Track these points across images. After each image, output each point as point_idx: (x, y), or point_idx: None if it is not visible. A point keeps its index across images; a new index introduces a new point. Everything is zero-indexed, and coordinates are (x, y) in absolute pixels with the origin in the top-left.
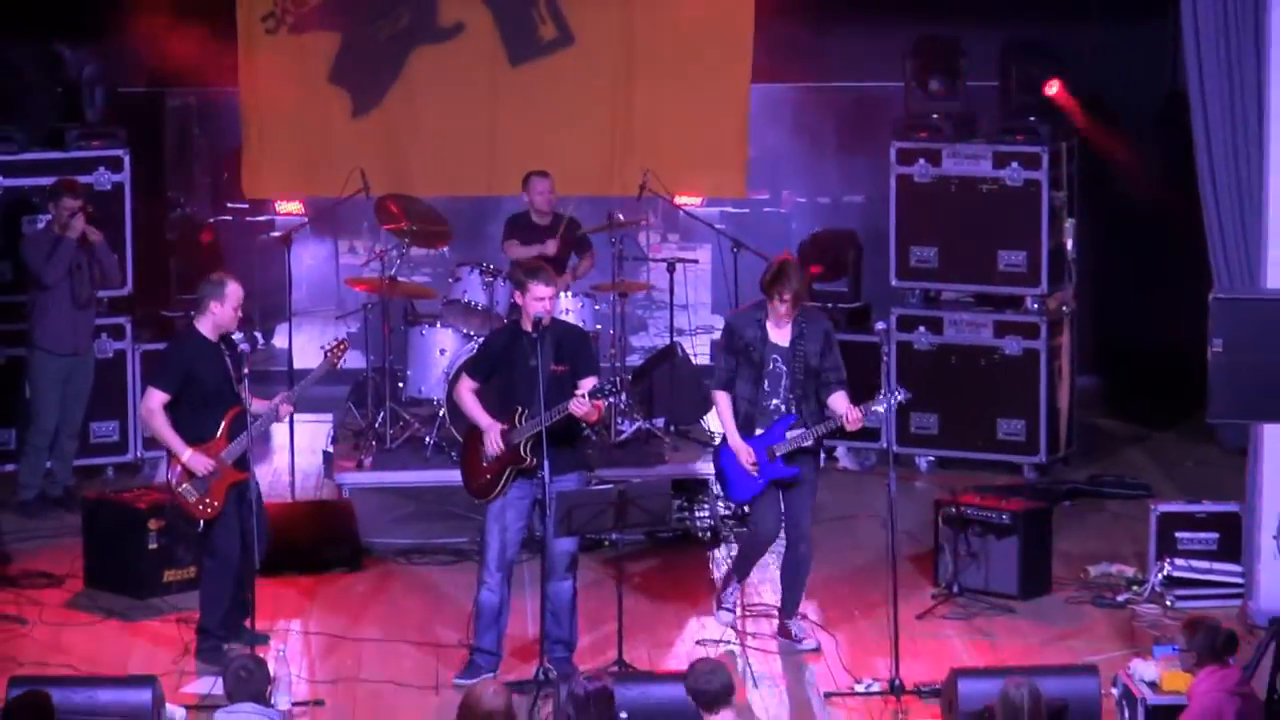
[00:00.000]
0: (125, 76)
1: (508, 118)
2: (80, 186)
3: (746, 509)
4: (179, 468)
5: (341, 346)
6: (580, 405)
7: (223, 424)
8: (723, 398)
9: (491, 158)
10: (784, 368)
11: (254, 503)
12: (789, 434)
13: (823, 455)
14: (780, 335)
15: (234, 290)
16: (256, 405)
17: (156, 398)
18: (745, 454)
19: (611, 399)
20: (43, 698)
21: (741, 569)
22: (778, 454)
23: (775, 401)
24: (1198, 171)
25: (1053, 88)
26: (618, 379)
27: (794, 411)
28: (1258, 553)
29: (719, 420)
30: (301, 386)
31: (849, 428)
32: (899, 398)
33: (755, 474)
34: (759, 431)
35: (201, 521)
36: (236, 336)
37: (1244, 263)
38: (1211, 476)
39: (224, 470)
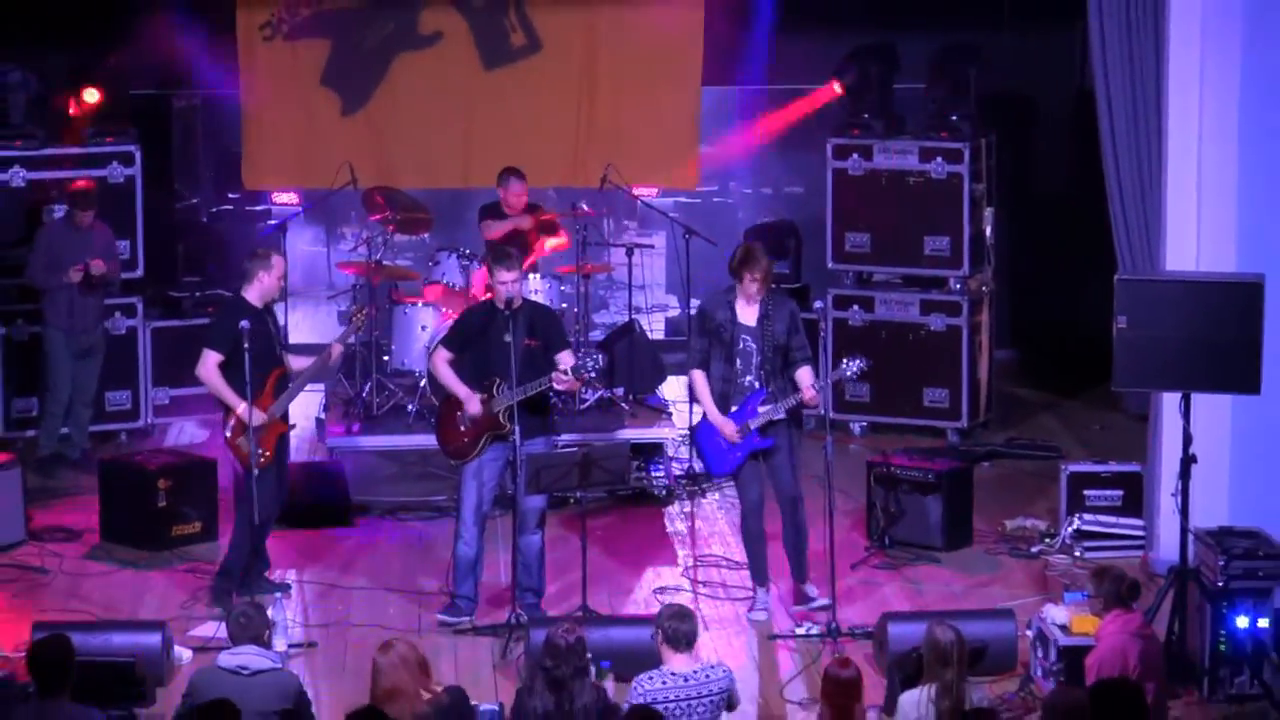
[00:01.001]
0: (138, 79)
1: (482, 117)
2: (86, 197)
3: (725, 481)
4: (234, 421)
5: (363, 311)
6: (562, 380)
7: (268, 382)
8: (699, 376)
9: (468, 153)
10: (754, 346)
11: (286, 458)
12: (760, 408)
13: (806, 421)
14: (749, 315)
15: (278, 263)
16: (296, 363)
17: (212, 359)
18: (727, 427)
19: (590, 375)
20: (63, 641)
21: (753, 558)
22: (751, 428)
23: (749, 378)
24: (1104, 164)
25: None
26: (597, 357)
27: (764, 387)
28: (1157, 508)
29: (698, 399)
30: (341, 336)
31: (807, 403)
32: (860, 365)
33: (736, 445)
34: (734, 409)
35: (254, 469)
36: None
37: (1145, 247)
38: (1116, 440)
39: (273, 423)
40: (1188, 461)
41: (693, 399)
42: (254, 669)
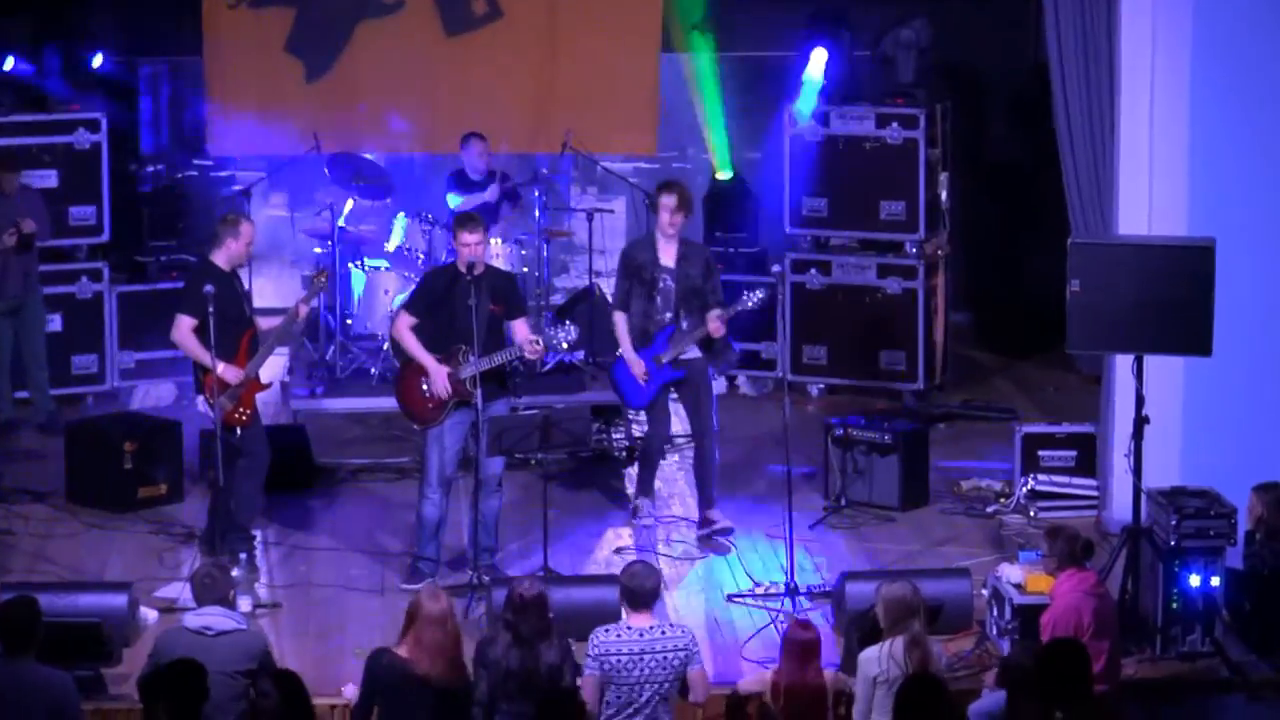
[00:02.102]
0: (104, 46)
1: (444, 83)
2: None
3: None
4: (211, 383)
5: (324, 274)
6: (534, 350)
7: (241, 344)
8: (620, 317)
9: (430, 119)
10: (672, 285)
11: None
12: (670, 343)
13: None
14: (668, 256)
15: (247, 230)
16: (265, 323)
17: (186, 323)
18: (637, 366)
19: (563, 346)
20: (30, 602)
21: (643, 477)
22: (663, 360)
23: (668, 314)
24: (1057, 130)
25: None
26: (570, 327)
27: (678, 324)
28: (1111, 469)
29: (617, 338)
30: (305, 298)
31: (712, 333)
32: (760, 296)
33: (644, 383)
34: (648, 346)
35: (237, 429)
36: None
37: (1098, 211)
38: (1070, 401)
39: (249, 381)
40: (1140, 422)
41: None
42: (218, 629)
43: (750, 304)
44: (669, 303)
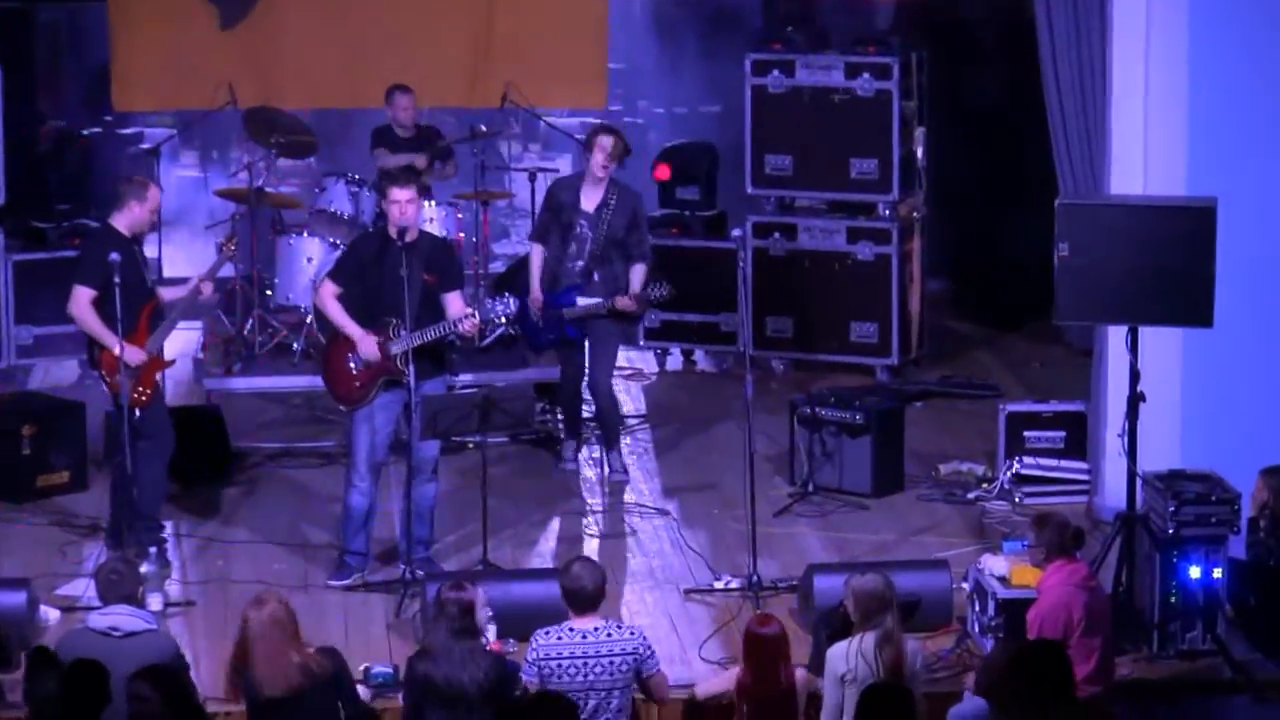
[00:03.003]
0: None
1: (372, 30)
2: None
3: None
4: (109, 360)
5: (233, 240)
6: (469, 324)
7: (142, 318)
8: (535, 249)
9: (356, 70)
10: (588, 233)
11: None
12: (579, 300)
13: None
14: (590, 202)
15: (154, 194)
16: (168, 294)
17: (84, 294)
18: (534, 302)
19: (501, 321)
20: None
21: (566, 417)
22: (566, 317)
23: (580, 263)
24: (1043, 80)
25: None
26: (508, 301)
27: (593, 274)
28: (1103, 450)
29: (530, 269)
30: (209, 272)
31: (619, 309)
32: (661, 292)
33: (545, 326)
34: (557, 294)
35: (137, 410)
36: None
37: (1088, 169)
38: (1058, 377)
39: (150, 359)
40: (1135, 400)
41: None
42: (126, 630)
43: (660, 295)
44: (582, 250)
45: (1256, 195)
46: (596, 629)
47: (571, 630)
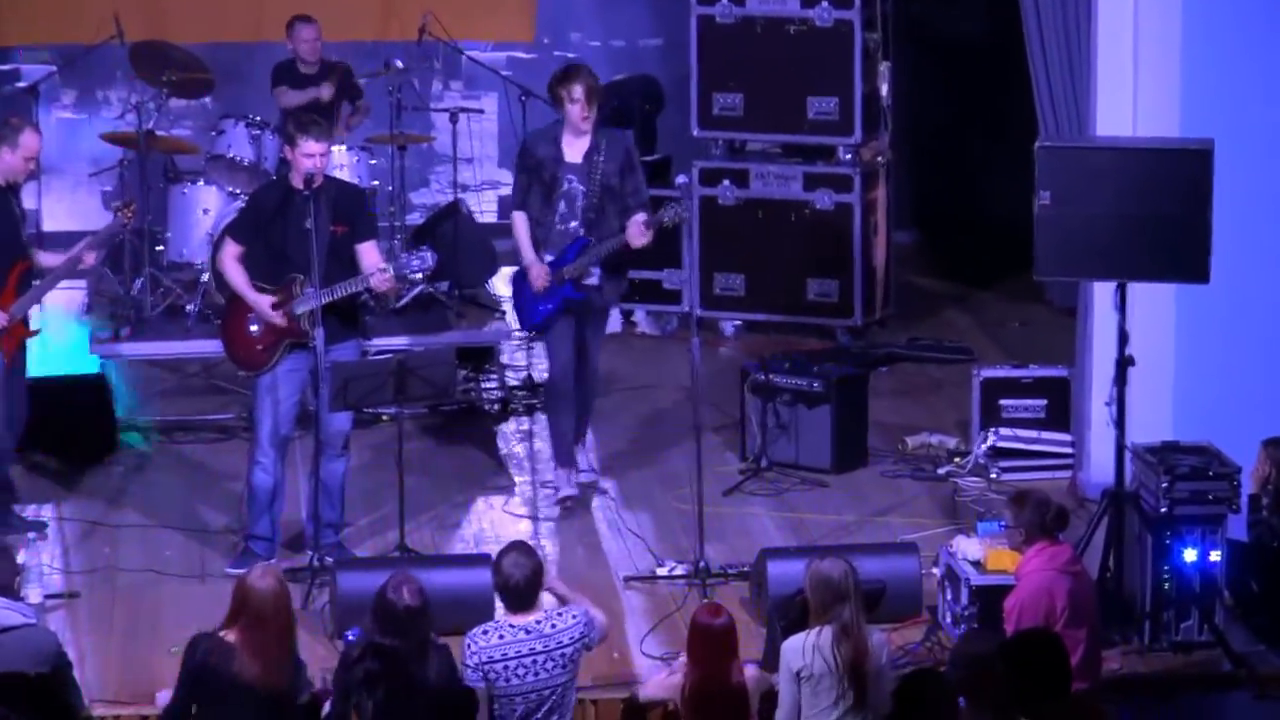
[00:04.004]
0: None
1: None
2: None
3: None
4: None
5: (131, 206)
6: (383, 281)
7: (10, 278)
8: (518, 217)
9: (258, 1)
10: (579, 187)
11: (24, 370)
12: (579, 257)
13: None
14: (575, 151)
15: (29, 140)
16: (46, 259)
17: None
18: (536, 270)
19: (416, 276)
20: None
21: (556, 433)
22: (566, 277)
23: (573, 224)
24: (1022, 13)
25: None
26: (425, 255)
27: (588, 235)
28: (1088, 421)
29: (516, 239)
30: (97, 239)
31: (631, 242)
32: (677, 210)
33: (546, 296)
34: (549, 259)
35: None
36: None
37: (1072, 109)
38: (1039, 339)
39: (14, 326)
40: (1124, 364)
41: None
42: (2, 625)
43: (678, 218)
44: (574, 209)
45: (1260, 136)
46: (539, 621)
47: (512, 627)
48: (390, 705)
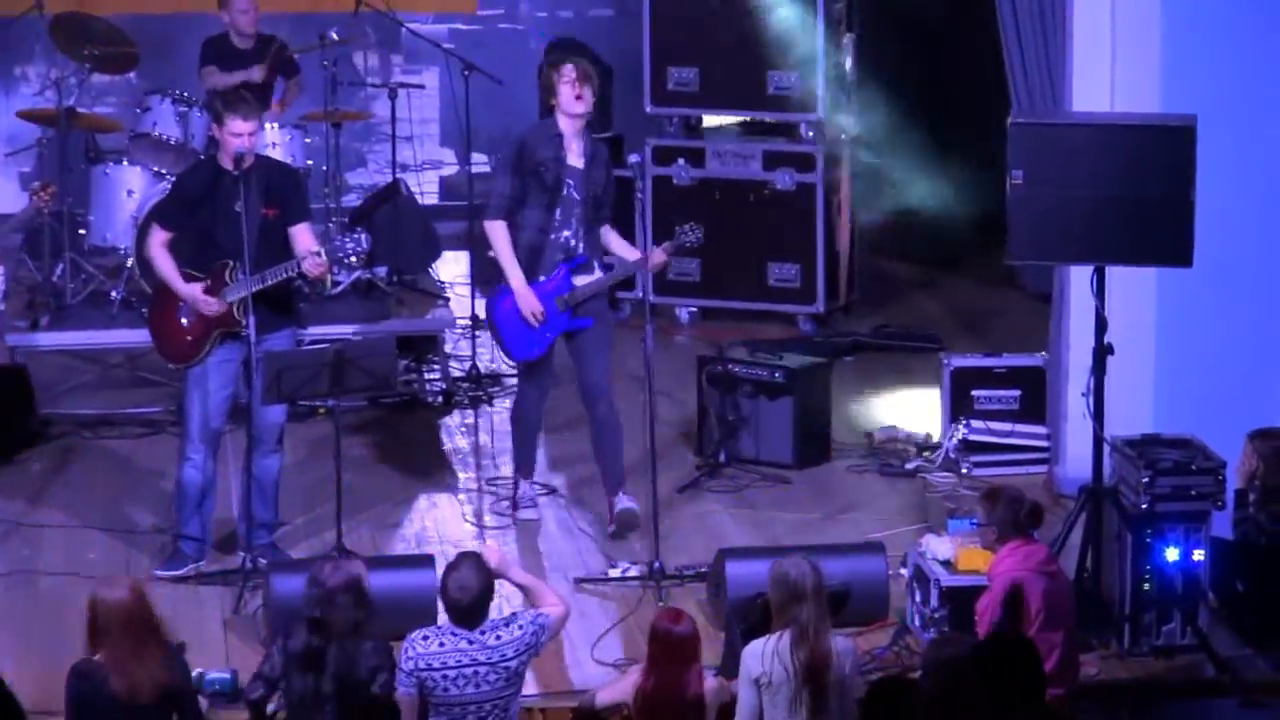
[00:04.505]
0: None
1: None
2: None
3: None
4: None
5: (50, 188)
6: (316, 265)
7: None
8: (500, 229)
9: None
10: (577, 195)
11: None
12: (577, 280)
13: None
14: (576, 155)
15: None
16: None
17: None
18: (530, 303)
19: (351, 260)
20: None
21: (519, 454)
22: (569, 303)
23: (566, 234)
24: None
25: None
26: (360, 237)
27: (582, 251)
28: (1064, 412)
29: (499, 259)
30: (17, 219)
31: (652, 268)
32: (696, 235)
33: (545, 324)
34: (542, 278)
35: None
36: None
37: (1046, 82)
38: (1012, 326)
39: None
40: (1102, 352)
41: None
42: None
43: (696, 239)
44: (569, 218)
45: (1247, 114)
46: (483, 632)
47: (454, 635)
48: (305, 690)
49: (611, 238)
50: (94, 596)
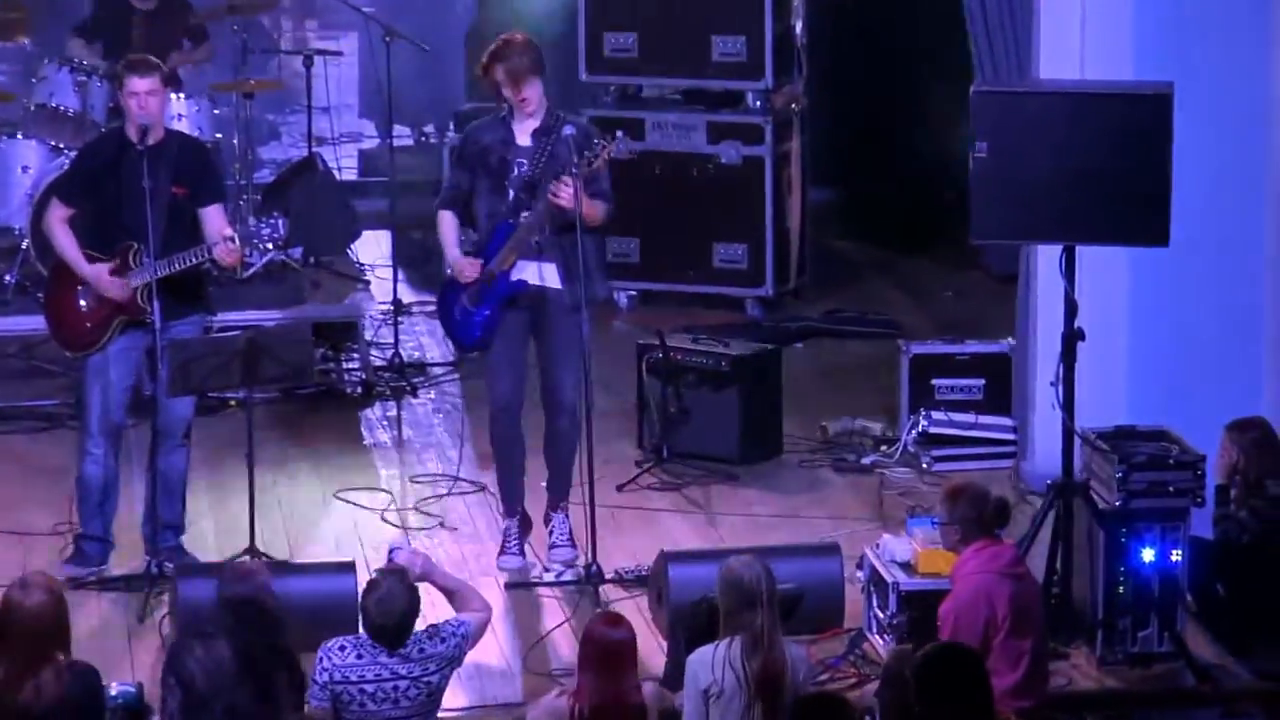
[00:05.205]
0: None
1: None
2: None
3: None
4: None
5: None
6: (229, 252)
7: None
8: (447, 216)
9: None
10: (530, 171)
11: None
12: (508, 241)
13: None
14: (524, 134)
15: None
16: None
17: None
18: (466, 267)
19: (267, 246)
20: None
21: (504, 477)
22: (495, 271)
23: (524, 213)
24: None
25: None
26: (276, 222)
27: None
28: (1032, 403)
29: (442, 244)
30: None
31: (557, 203)
32: (622, 147)
33: (480, 300)
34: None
35: None
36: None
37: (1011, 49)
38: (975, 310)
39: None
40: (1072, 338)
41: None
42: None
43: (610, 153)
44: (529, 199)
45: (1220, 79)
46: (406, 645)
47: (374, 647)
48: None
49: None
50: (6, 597)
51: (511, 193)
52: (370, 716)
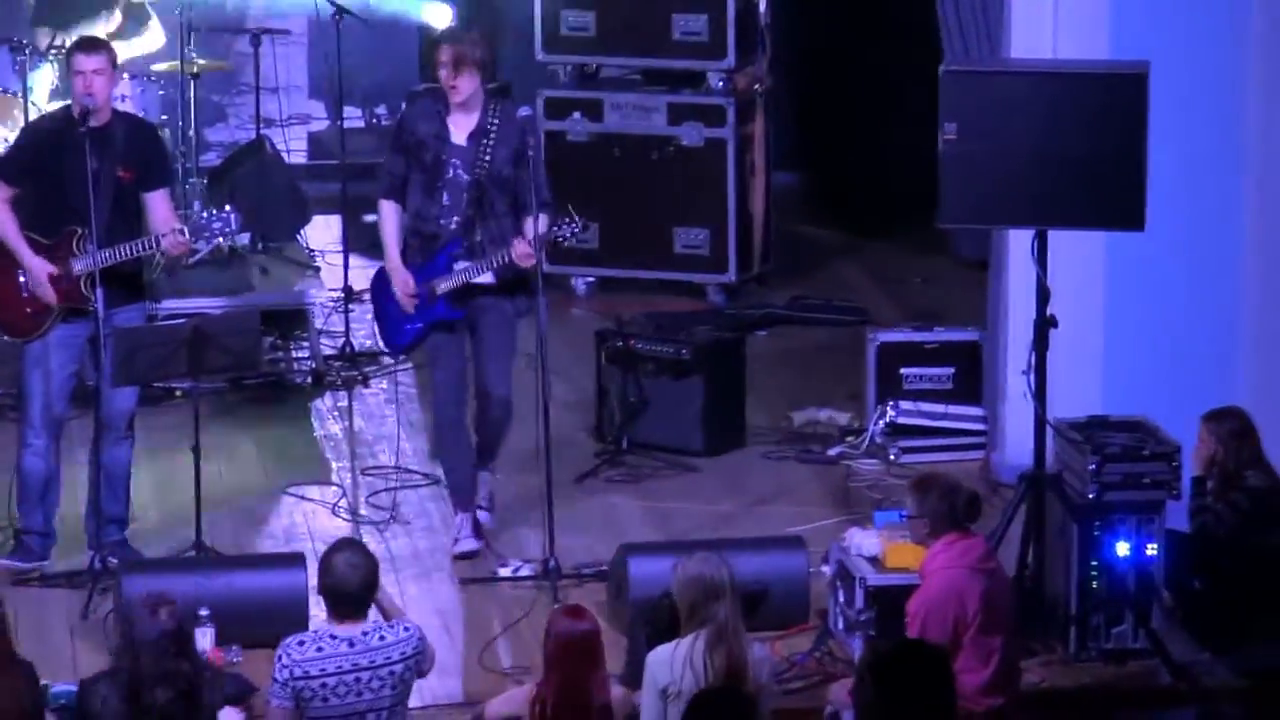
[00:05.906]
0: None
1: None
2: None
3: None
4: None
5: None
6: (177, 243)
7: None
8: (388, 208)
9: None
10: (464, 176)
11: None
12: (456, 265)
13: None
14: (461, 131)
15: None
16: None
17: None
18: (400, 280)
19: (220, 238)
20: None
21: (451, 472)
22: (439, 290)
23: (455, 220)
24: None
25: None
26: (229, 216)
27: (465, 237)
28: (1003, 393)
29: (381, 237)
30: None
31: (518, 261)
32: (573, 228)
33: (410, 309)
34: (420, 262)
35: None
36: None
37: (982, 26)
38: (944, 297)
39: None
40: (1044, 325)
41: None
42: None
43: (572, 232)
44: (459, 203)
45: (1198, 57)
46: (365, 634)
47: (334, 638)
48: None
49: (527, 226)
50: None
51: (446, 196)
52: (334, 708)
